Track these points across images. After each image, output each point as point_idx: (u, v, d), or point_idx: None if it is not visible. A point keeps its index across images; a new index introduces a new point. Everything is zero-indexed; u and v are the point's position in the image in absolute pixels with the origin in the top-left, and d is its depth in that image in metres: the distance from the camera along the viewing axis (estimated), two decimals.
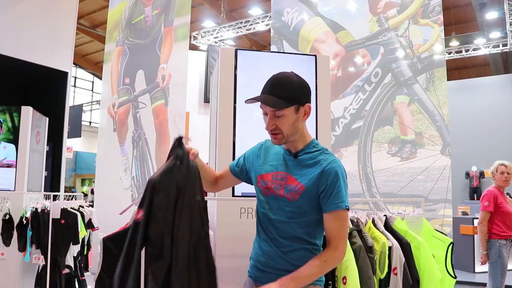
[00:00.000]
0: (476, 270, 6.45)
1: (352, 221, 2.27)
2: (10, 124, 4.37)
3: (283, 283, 1.43)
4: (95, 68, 19.07)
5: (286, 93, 1.51)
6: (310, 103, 1.58)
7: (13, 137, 4.33)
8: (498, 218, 3.84)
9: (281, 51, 6.57)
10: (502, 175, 3.93)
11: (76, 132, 11.51)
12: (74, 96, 18.96)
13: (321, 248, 1.61)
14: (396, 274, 2.14)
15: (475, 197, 10.93)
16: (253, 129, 2.39)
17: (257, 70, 2.44)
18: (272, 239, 1.58)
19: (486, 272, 3.96)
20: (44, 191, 4.71)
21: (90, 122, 19.83)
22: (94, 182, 12.57)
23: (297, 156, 1.58)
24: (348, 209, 1.52)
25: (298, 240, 1.55)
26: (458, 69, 15.95)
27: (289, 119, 1.52)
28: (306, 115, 1.57)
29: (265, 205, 1.61)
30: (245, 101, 1.56)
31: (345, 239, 1.54)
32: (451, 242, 2.35)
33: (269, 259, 1.58)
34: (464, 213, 7.96)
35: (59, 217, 3.56)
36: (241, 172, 1.78)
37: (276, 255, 1.56)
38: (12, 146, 4.32)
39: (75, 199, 4.27)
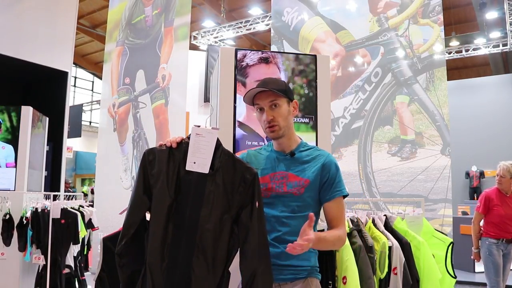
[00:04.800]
0: (476, 270, 6.45)
1: (352, 221, 2.27)
2: (8, 124, 4.36)
3: (316, 238, 1.47)
4: (95, 68, 19.06)
5: (279, 87, 1.70)
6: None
7: (11, 137, 4.33)
8: (490, 220, 3.91)
9: (281, 51, 6.57)
10: (497, 177, 3.98)
11: (76, 132, 11.50)
12: (74, 96, 18.93)
13: None
14: (396, 274, 2.14)
15: (475, 197, 10.92)
16: (253, 129, 2.39)
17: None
18: (276, 238, 1.63)
19: None
20: (44, 191, 4.71)
21: (90, 122, 19.81)
22: (94, 182, 12.57)
23: (294, 154, 1.72)
24: (346, 196, 1.69)
25: None
26: (458, 69, 15.94)
27: (284, 110, 1.70)
28: (295, 110, 1.77)
29: (267, 205, 1.66)
30: (244, 98, 1.75)
31: (345, 223, 1.74)
32: (451, 242, 2.36)
33: (274, 258, 1.60)
34: (464, 213, 7.96)
35: (59, 217, 3.56)
36: None
37: (281, 254, 1.60)
38: (10, 147, 4.31)
39: (75, 199, 4.27)
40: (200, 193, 1.54)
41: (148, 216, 1.58)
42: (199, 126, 1.56)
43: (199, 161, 1.54)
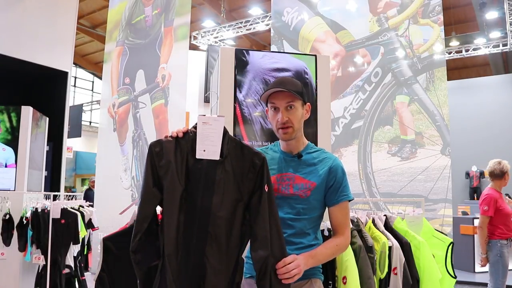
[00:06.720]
0: (476, 270, 6.45)
1: (352, 221, 2.27)
2: (8, 125, 4.36)
3: (304, 257, 1.54)
4: (95, 68, 19.06)
5: (296, 88, 1.67)
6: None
7: (11, 138, 4.33)
8: (498, 221, 3.82)
9: (281, 51, 6.57)
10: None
11: (76, 132, 11.49)
12: (74, 96, 18.92)
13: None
14: (396, 274, 2.13)
15: (475, 197, 10.93)
16: (253, 129, 2.39)
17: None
18: None
19: (486, 272, 3.94)
20: (44, 191, 4.71)
21: (90, 122, 19.80)
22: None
23: (301, 156, 1.71)
24: (351, 200, 1.70)
25: (307, 236, 1.67)
26: (458, 69, 15.93)
27: (299, 112, 1.68)
28: (307, 113, 1.75)
29: None
30: (261, 96, 1.73)
31: (350, 226, 1.73)
32: (451, 242, 2.35)
33: None
34: (464, 213, 7.96)
35: (59, 217, 3.56)
36: None
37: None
38: (10, 149, 4.31)
39: (75, 199, 4.27)
40: (210, 181, 1.51)
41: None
42: (204, 115, 1.56)
43: (208, 148, 1.52)
